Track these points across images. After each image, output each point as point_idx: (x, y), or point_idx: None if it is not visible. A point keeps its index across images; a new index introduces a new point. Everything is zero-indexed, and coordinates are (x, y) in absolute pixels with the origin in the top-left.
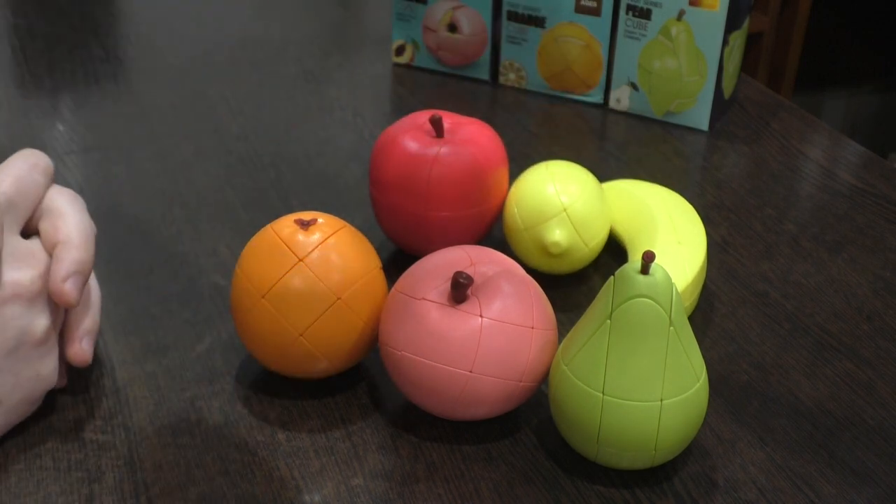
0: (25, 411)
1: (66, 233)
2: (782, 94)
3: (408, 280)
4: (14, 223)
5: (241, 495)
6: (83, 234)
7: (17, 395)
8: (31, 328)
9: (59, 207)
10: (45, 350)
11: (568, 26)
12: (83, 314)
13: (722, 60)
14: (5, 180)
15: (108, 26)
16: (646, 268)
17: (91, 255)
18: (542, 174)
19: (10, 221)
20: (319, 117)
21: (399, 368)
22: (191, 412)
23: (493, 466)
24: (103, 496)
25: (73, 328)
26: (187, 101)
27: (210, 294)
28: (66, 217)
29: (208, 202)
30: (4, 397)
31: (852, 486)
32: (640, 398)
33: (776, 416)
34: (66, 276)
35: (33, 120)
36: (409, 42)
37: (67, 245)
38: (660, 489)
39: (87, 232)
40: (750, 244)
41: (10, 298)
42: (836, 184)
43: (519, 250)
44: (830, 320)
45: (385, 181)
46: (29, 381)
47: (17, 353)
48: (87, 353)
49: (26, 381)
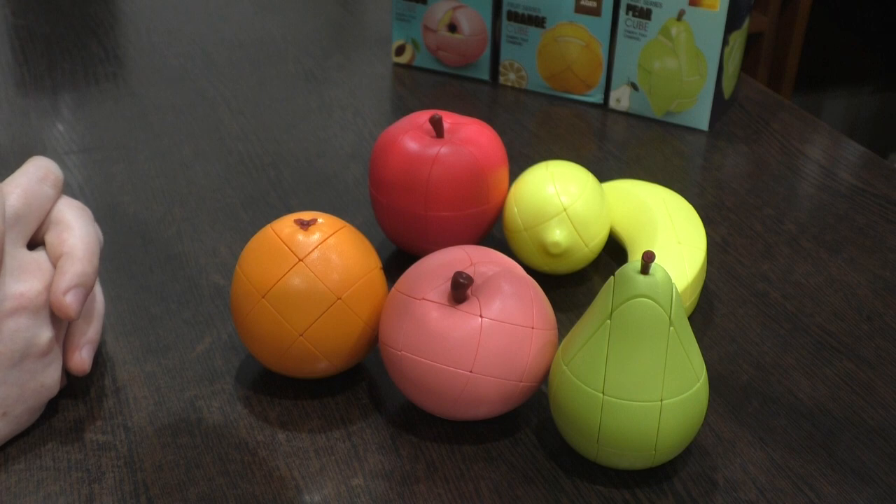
0: (28, 421)
1: (70, 244)
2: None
3: (408, 280)
4: (21, 236)
5: (241, 495)
6: (88, 246)
7: (22, 405)
8: (36, 340)
9: (66, 220)
10: (49, 360)
11: (568, 26)
12: (85, 324)
13: (722, 60)
14: (14, 192)
15: (108, 26)
16: (646, 268)
17: (95, 267)
18: (542, 174)
19: (16, 234)
20: (319, 117)
21: (399, 368)
22: (191, 412)
23: (493, 466)
24: (103, 496)
25: (74, 337)
26: (187, 101)
27: (210, 294)
28: (73, 229)
29: (208, 202)
30: (9, 408)
31: (852, 486)
32: (640, 398)
33: (776, 416)
34: (68, 289)
35: (33, 120)
36: (409, 42)
37: (71, 257)
38: (660, 489)
39: (92, 244)
40: (750, 244)
41: (16, 310)
42: (836, 184)
43: (519, 250)
44: (830, 320)
45: (385, 181)
46: (33, 392)
47: (21, 365)
48: (86, 363)
49: (30, 392)
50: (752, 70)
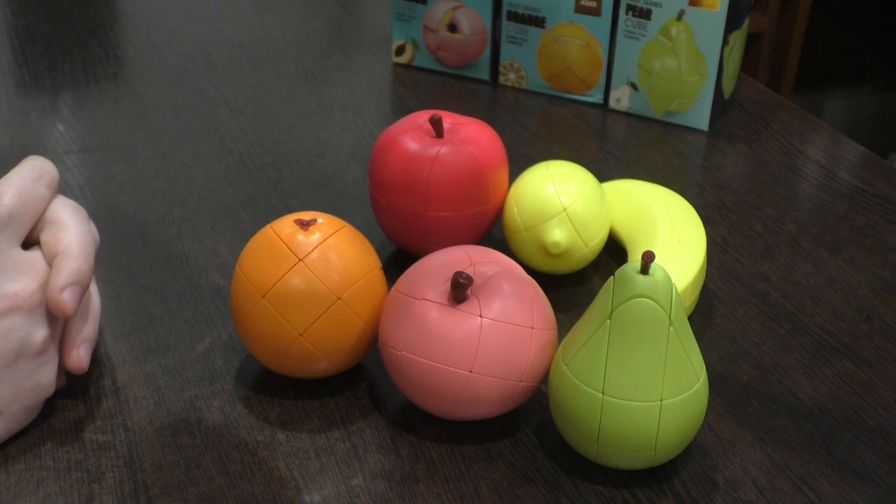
0: (25, 420)
1: (66, 243)
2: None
3: (408, 280)
4: (15, 235)
5: (241, 495)
6: (83, 244)
7: (17, 405)
8: (31, 339)
9: (61, 219)
10: (45, 360)
11: (568, 26)
12: (82, 322)
13: (722, 60)
14: (8, 191)
15: (108, 26)
16: (646, 268)
17: (90, 265)
18: (542, 174)
19: (10, 234)
20: (319, 117)
21: (399, 368)
22: (191, 412)
23: (493, 466)
24: (103, 496)
25: (71, 335)
26: (187, 101)
27: (210, 294)
28: (67, 228)
29: (208, 202)
30: (4, 407)
31: (852, 486)
32: (640, 398)
33: (776, 416)
34: (64, 286)
35: (33, 120)
36: (409, 42)
37: (66, 255)
38: (660, 489)
39: (88, 243)
40: (750, 244)
41: (10, 310)
42: (836, 184)
43: (519, 250)
44: (830, 320)
45: (385, 181)
46: (29, 391)
47: (16, 364)
48: (84, 361)
49: (26, 392)
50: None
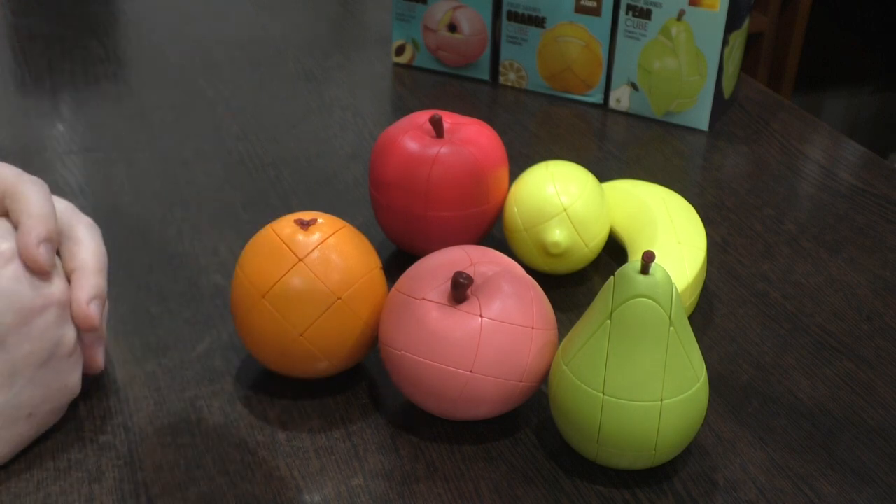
0: (52, 421)
1: (82, 259)
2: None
3: (408, 280)
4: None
5: (241, 495)
6: (99, 261)
7: (47, 405)
8: (64, 339)
9: (78, 235)
10: (73, 361)
11: (568, 26)
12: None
13: (722, 60)
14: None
15: (108, 26)
16: (646, 268)
17: (105, 282)
18: (542, 174)
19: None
20: (319, 117)
21: (399, 368)
22: (191, 412)
23: (493, 466)
24: (103, 496)
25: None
26: (187, 101)
27: (210, 294)
28: (83, 244)
29: (208, 202)
30: (35, 408)
31: (852, 486)
32: (640, 398)
33: (776, 416)
34: (90, 299)
35: (33, 120)
36: (409, 42)
37: (84, 270)
38: (660, 489)
39: (103, 260)
40: (750, 244)
41: (45, 308)
42: (836, 184)
43: (519, 250)
44: (830, 320)
45: (385, 181)
46: (57, 392)
47: (48, 364)
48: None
49: (55, 392)
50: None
